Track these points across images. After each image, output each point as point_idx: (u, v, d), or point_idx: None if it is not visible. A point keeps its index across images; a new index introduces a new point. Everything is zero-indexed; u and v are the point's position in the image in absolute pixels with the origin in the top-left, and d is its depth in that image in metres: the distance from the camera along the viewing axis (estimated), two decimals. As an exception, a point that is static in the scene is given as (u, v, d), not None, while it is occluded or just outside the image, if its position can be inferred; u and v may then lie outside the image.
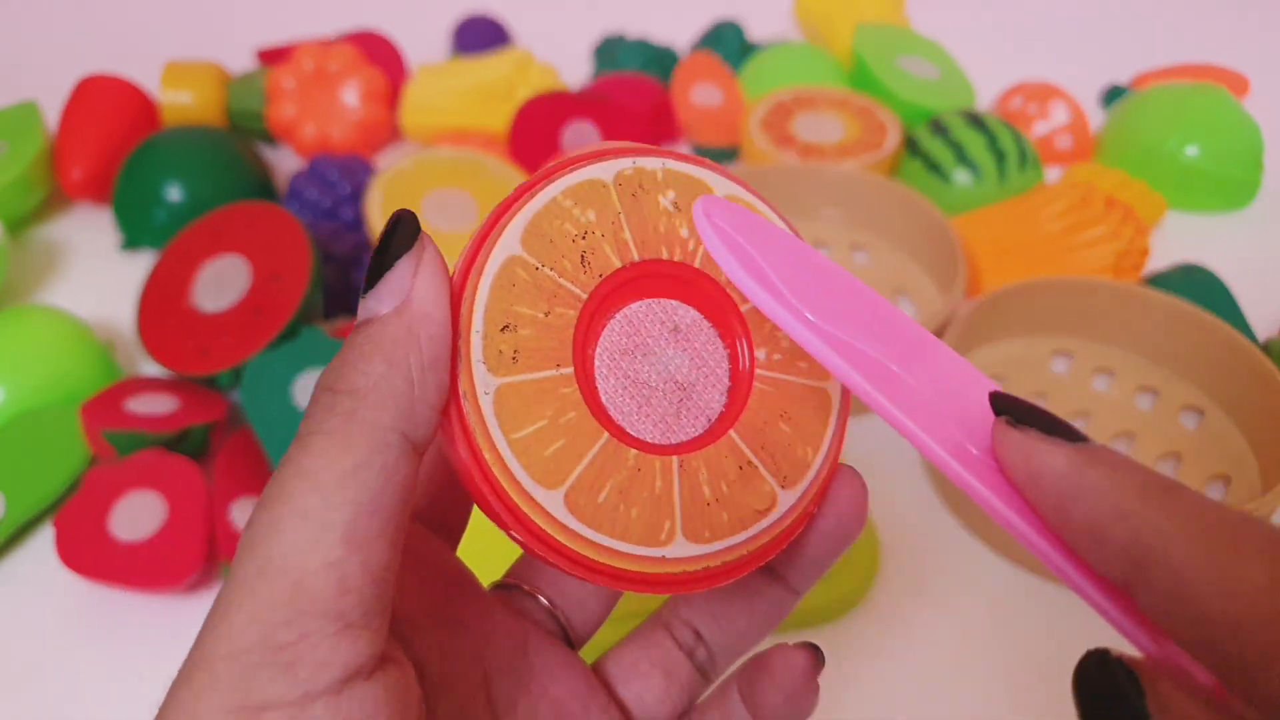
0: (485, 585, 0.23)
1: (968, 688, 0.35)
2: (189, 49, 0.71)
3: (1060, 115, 0.65)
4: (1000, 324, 0.47)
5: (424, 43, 0.76)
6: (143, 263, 0.55)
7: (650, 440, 0.19)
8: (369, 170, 0.58)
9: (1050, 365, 0.48)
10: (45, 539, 0.41)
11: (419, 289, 0.17)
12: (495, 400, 0.17)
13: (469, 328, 0.17)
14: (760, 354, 0.20)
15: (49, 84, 0.65)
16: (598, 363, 0.19)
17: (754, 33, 0.77)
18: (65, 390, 0.44)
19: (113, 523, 0.37)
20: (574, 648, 0.23)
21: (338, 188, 0.55)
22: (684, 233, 0.20)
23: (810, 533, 0.21)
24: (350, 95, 0.63)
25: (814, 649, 0.22)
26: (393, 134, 0.66)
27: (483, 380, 0.17)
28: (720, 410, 0.20)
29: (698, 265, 0.20)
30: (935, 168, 0.57)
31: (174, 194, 0.54)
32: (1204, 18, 0.85)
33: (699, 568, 0.19)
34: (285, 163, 0.64)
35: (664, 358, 0.20)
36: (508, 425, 0.17)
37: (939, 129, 0.59)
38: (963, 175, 0.57)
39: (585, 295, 0.19)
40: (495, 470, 0.17)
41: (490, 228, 0.18)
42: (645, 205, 0.20)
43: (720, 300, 0.20)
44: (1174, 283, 0.49)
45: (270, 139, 0.65)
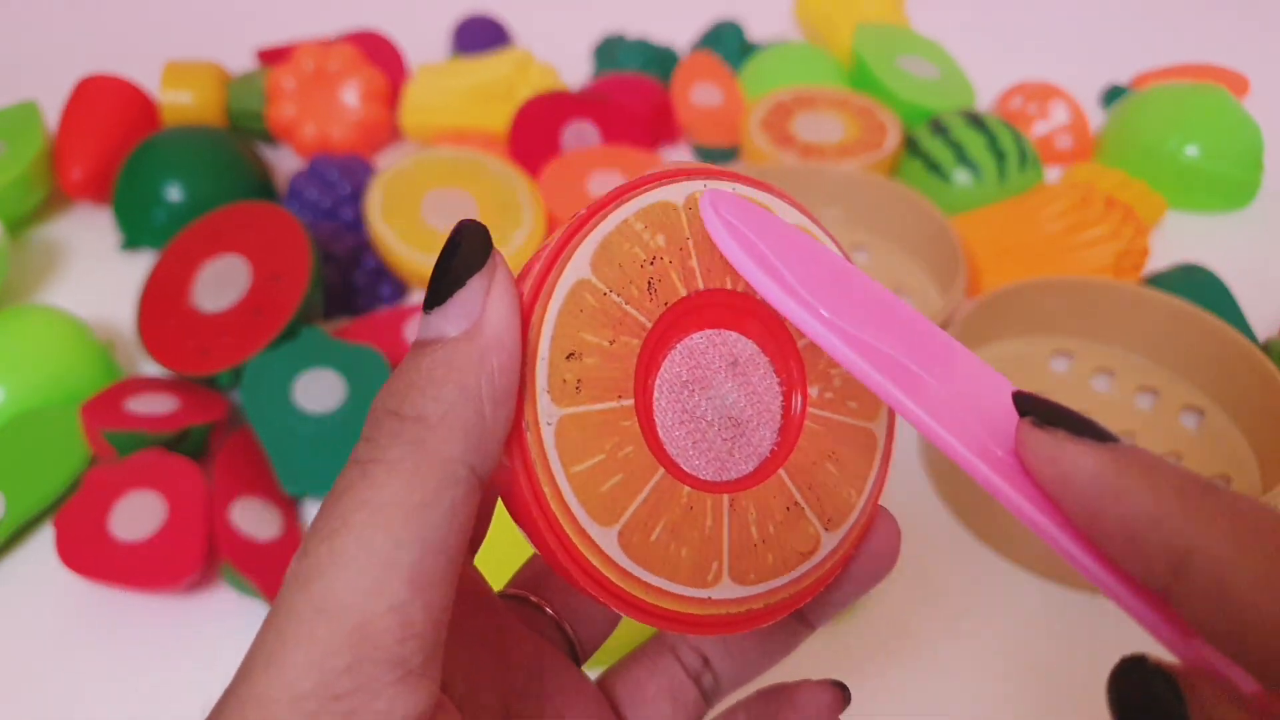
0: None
1: (967, 687, 0.35)
2: (189, 49, 0.71)
3: (1060, 115, 0.65)
4: (1000, 324, 0.47)
5: (424, 43, 0.76)
6: (143, 263, 0.55)
7: (703, 478, 0.19)
8: (369, 170, 0.58)
9: (1050, 365, 0.48)
10: (45, 539, 0.41)
11: (492, 313, 0.16)
12: (557, 431, 0.17)
13: (535, 354, 0.17)
14: (813, 391, 0.20)
15: (49, 84, 0.65)
16: (657, 395, 0.18)
17: (754, 33, 0.77)
18: (65, 390, 0.44)
19: (113, 523, 0.37)
20: (579, 662, 0.23)
21: (338, 188, 0.55)
22: None
23: (843, 575, 0.20)
24: (350, 95, 0.63)
25: (841, 688, 0.21)
26: (393, 134, 0.66)
27: (546, 410, 0.17)
28: (771, 448, 0.19)
29: (759, 297, 0.19)
30: (935, 168, 0.57)
31: (174, 194, 0.54)
32: (1204, 18, 0.85)
33: (742, 610, 0.18)
34: (285, 163, 0.64)
35: (721, 392, 0.19)
36: (567, 458, 0.17)
37: (939, 129, 0.59)
38: (963, 175, 0.57)
39: (650, 324, 0.18)
40: (554, 505, 0.17)
41: (562, 247, 0.17)
42: None
43: (778, 333, 0.20)
44: (1174, 283, 0.49)
45: (270, 139, 0.65)
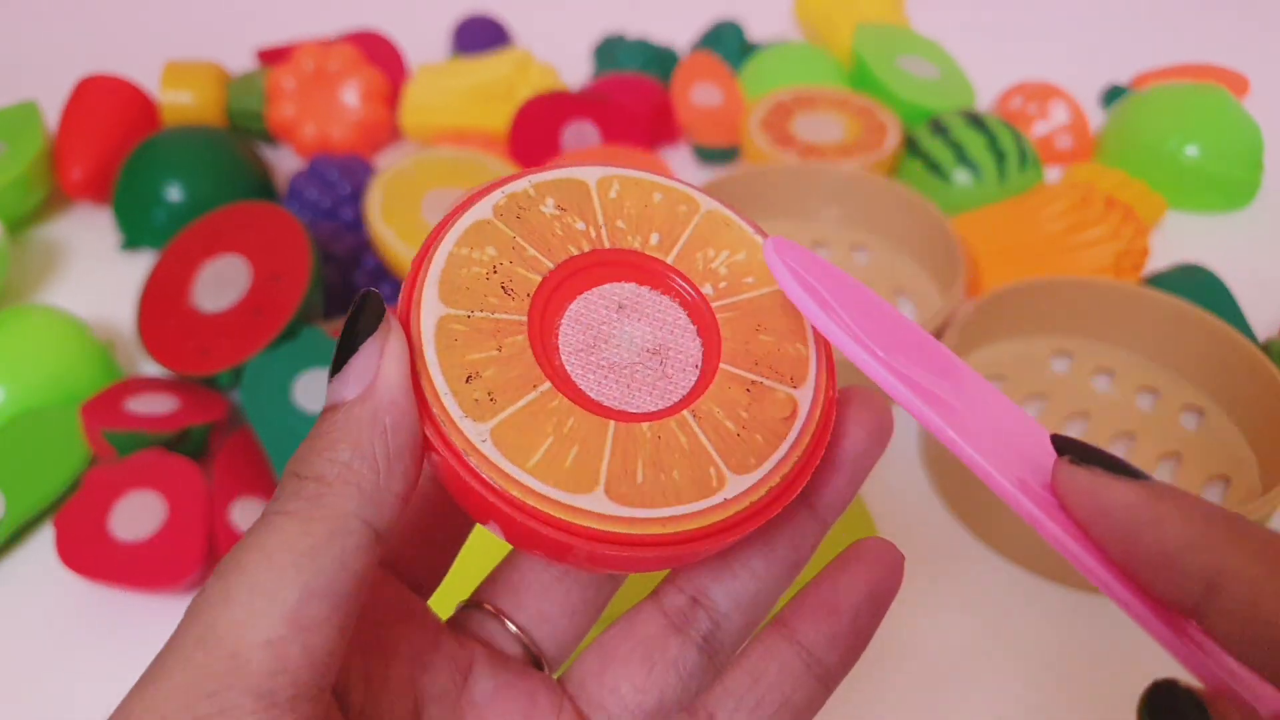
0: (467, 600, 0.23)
1: (966, 686, 0.35)
2: (189, 49, 0.71)
3: (1060, 115, 0.65)
4: (1000, 324, 0.47)
5: (424, 43, 0.76)
6: (143, 263, 0.55)
7: (654, 409, 0.19)
8: (369, 170, 0.58)
9: (1050, 365, 0.48)
10: (45, 539, 0.41)
11: (384, 374, 0.17)
12: (495, 443, 0.18)
13: (437, 393, 0.18)
14: (707, 289, 0.21)
15: (49, 84, 0.65)
16: (569, 367, 0.19)
17: (754, 33, 0.77)
18: (65, 390, 0.44)
19: (113, 523, 0.37)
20: (545, 668, 0.22)
21: (338, 188, 0.55)
22: (580, 225, 0.21)
23: (837, 445, 0.21)
24: (350, 95, 0.63)
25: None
26: (393, 134, 0.66)
27: (474, 432, 0.18)
28: (701, 353, 0.20)
29: (606, 246, 0.21)
30: (935, 168, 0.57)
31: (174, 194, 0.54)
32: (1204, 18, 0.85)
33: (764, 492, 0.19)
34: (285, 163, 0.64)
35: (625, 334, 0.20)
36: (520, 458, 0.18)
37: (939, 129, 0.59)
38: (963, 175, 0.57)
39: (524, 317, 0.19)
40: (536, 504, 0.17)
41: (408, 302, 0.19)
42: (532, 220, 0.20)
43: (643, 265, 0.21)
44: (1174, 283, 0.49)
45: (270, 139, 0.65)
